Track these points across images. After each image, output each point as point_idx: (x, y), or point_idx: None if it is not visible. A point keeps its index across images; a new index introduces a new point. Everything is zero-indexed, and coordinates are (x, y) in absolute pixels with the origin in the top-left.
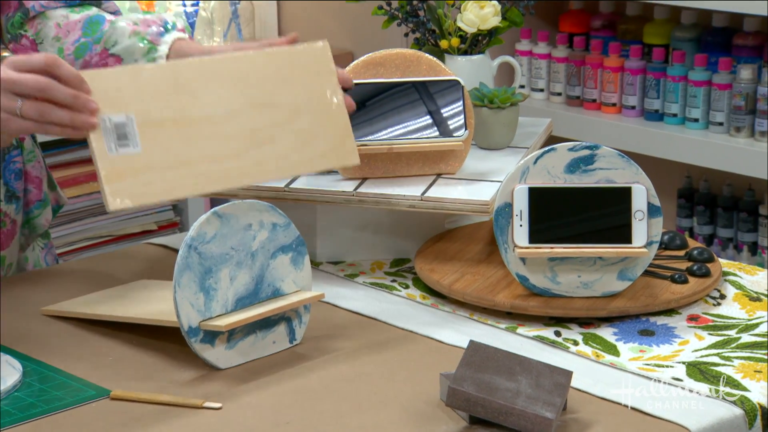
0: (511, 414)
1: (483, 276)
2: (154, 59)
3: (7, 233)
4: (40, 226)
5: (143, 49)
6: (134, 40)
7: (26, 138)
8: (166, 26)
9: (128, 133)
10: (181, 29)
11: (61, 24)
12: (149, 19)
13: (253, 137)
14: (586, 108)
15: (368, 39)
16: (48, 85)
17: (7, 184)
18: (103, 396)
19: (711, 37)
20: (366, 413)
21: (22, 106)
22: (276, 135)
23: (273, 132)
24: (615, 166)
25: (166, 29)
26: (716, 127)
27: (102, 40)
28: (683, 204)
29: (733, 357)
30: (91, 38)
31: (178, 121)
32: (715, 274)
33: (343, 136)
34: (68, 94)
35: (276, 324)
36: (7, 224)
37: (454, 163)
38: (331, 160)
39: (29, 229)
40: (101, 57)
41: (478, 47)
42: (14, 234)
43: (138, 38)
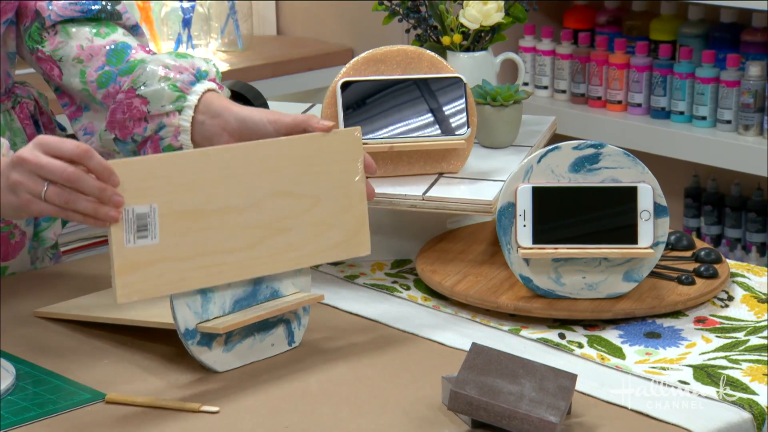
0: (515, 418)
1: (486, 277)
2: (182, 108)
3: (15, 245)
4: (48, 240)
5: (172, 96)
6: (164, 86)
7: None
8: (198, 74)
9: (148, 224)
10: (213, 78)
11: (84, 46)
12: (182, 65)
13: (270, 227)
14: (591, 106)
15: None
16: (77, 177)
17: None
18: (99, 399)
19: (719, 33)
20: (366, 417)
21: (48, 190)
22: (293, 225)
23: (291, 222)
24: (620, 165)
25: (197, 78)
26: (724, 125)
27: (128, 73)
28: (690, 204)
29: (741, 360)
30: (115, 68)
31: (199, 212)
32: (722, 276)
33: (358, 226)
34: (95, 187)
35: (274, 326)
36: (16, 236)
37: (456, 162)
38: (343, 251)
39: (38, 242)
40: (127, 95)
41: (481, 44)
42: (23, 246)
43: (168, 84)
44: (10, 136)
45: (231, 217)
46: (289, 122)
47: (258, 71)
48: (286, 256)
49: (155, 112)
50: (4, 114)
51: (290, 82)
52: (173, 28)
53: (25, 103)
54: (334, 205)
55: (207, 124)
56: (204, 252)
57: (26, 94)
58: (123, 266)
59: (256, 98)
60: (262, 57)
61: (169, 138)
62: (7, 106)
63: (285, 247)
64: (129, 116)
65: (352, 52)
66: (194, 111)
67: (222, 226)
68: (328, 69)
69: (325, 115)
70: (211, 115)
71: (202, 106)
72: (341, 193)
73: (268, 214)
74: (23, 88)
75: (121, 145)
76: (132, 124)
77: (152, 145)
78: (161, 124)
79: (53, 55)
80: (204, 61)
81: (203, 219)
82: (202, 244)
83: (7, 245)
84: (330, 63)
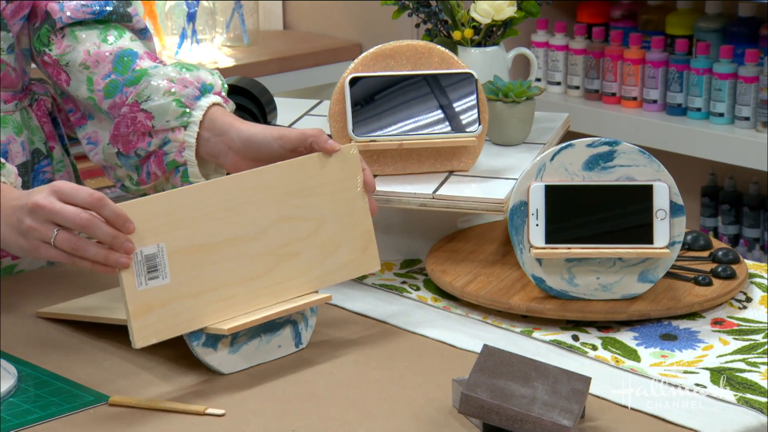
0: (527, 421)
1: (497, 278)
2: (186, 124)
3: None
4: None
5: (177, 112)
6: (168, 100)
7: (56, 147)
8: (203, 89)
9: (158, 264)
10: (218, 92)
11: (91, 52)
12: (186, 78)
13: (278, 254)
14: (606, 102)
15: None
16: (90, 223)
17: None
18: (102, 402)
19: (737, 27)
20: (375, 420)
21: (57, 236)
22: (301, 249)
23: (298, 246)
24: (636, 162)
25: (202, 92)
26: (742, 122)
27: (134, 83)
28: (707, 203)
29: (760, 363)
30: (121, 77)
31: (206, 246)
32: (740, 276)
33: (365, 243)
34: (108, 234)
35: (281, 327)
36: None
37: (467, 160)
38: (353, 270)
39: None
40: (132, 109)
41: (493, 39)
42: None
43: (173, 99)
44: (28, 134)
45: (238, 247)
46: (295, 138)
47: (264, 67)
48: (297, 281)
49: (160, 127)
50: (22, 112)
51: (297, 77)
52: (177, 22)
53: (43, 100)
54: (339, 224)
55: (212, 142)
56: (215, 285)
57: (43, 91)
58: (137, 310)
59: (262, 94)
60: (269, 52)
61: (173, 153)
62: (24, 103)
63: (295, 272)
64: (133, 130)
65: (361, 47)
66: (199, 127)
67: (230, 257)
68: (336, 64)
69: (333, 112)
70: (216, 132)
71: (207, 122)
72: (345, 211)
73: (274, 240)
74: (40, 85)
75: (124, 160)
76: (136, 138)
77: (156, 160)
78: (166, 139)
79: (60, 60)
80: (209, 74)
81: (211, 252)
82: (212, 278)
83: None
84: (338, 58)
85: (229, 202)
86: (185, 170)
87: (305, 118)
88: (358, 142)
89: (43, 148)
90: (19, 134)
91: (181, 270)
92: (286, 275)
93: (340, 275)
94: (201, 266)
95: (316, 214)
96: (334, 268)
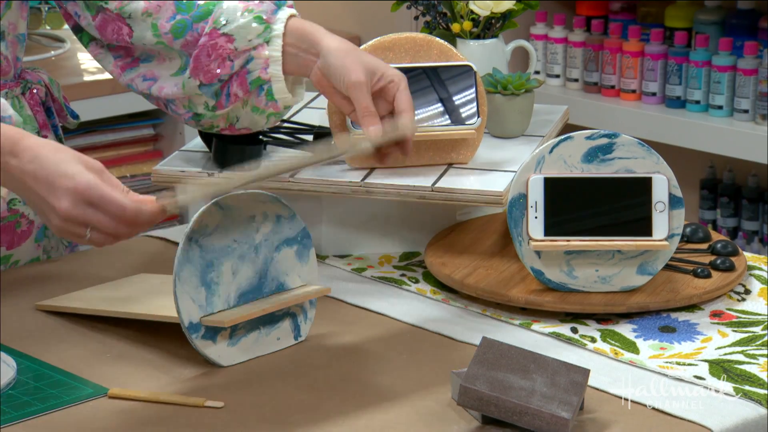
0: (526, 414)
1: (496, 270)
2: (269, 39)
3: (21, 234)
4: None
5: (258, 29)
6: (249, 19)
7: (49, 136)
8: (277, 3)
9: None
10: (290, 5)
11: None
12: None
13: None
14: (605, 95)
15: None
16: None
17: None
18: (101, 394)
19: (736, 19)
20: (374, 413)
21: (90, 237)
22: None
23: None
24: (635, 155)
25: (278, 6)
26: (741, 115)
27: (203, 18)
28: (706, 195)
29: (758, 355)
30: (188, 15)
31: None
32: (739, 269)
33: None
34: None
35: (280, 320)
36: (23, 225)
37: (466, 152)
38: None
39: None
40: (211, 37)
41: (492, 31)
42: (29, 234)
43: (252, 16)
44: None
45: None
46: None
47: None
48: None
49: (243, 47)
50: (13, 101)
51: None
52: None
53: (36, 89)
54: None
55: (301, 56)
56: None
57: (36, 79)
58: None
59: None
60: None
61: (258, 71)
62: (16, 92)
63: None
64: (215, 57)
65: (360, 39)
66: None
67: None
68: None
69: (332, 105)
70: (303, 48)
71: (291, 36)
72: None
73: None
74: (33, 73)
75: (206, 89)
76: (217, 65)
77: (238, 80)
78: (248, 57)
79: (122, 13)
80: None
81: None
82: None
83: (12, 234)
84: None
85: None
86: (269, 87)
87: (304, 110)
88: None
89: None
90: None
91: None
92: None
93: None
94: None
95: None
96: None
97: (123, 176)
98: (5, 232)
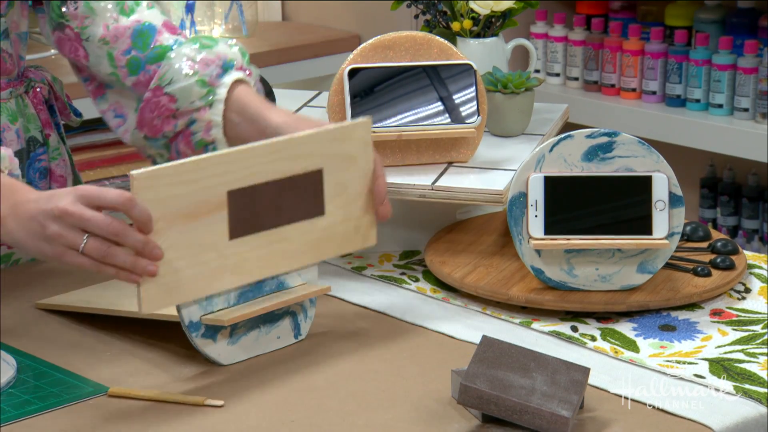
0: (526, 412)
1: (496, 269)
2: (212, 103)
3: None
4: None
5: (201, 92)
6: (191, 82)
7: (51, 135)
8: (225, 65)
9: None
10: (240, 66)
11: (110, 27)
12: (208, 57)
13: None
14: (605, 93)
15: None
16: (122, 231)
17: (31, 183)
18: (101, 393)
19: (736, 18)
20: (374, 411)
21: (87, 244)
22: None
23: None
24: (635, 153)
25: (224, 69)
26: (741, 114)
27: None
28: (706, 194)
29: (758, 353)
30: (142, 54)
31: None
32: (739, 267)
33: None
34: (139, 240)
35: (280, 318)
36: None
37: (466, 151)
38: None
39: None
40: (155, 94)
41: (492, 30)
42: None
43: (196, 80)
44: (23, 122)
45: None
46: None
47: (263, 58)
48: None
49: (184, 108)
50: (17, 99)
51: (296, 69)
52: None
53: (39, 87)
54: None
55: (243, 127)
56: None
57: (40, 78)
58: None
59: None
60: (267, 43)
61: (201, 133)
62: (19, 90)
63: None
64: (158, 114)
65: (359, 38)
66: (225, 105)
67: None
68: (334, 56)
69: (332, 103)
70: (246, 118)
71: (235, 104)
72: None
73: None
74: (36, 72)
75: (152, 142)
76: (161, 122)
77: (184, 140)
78: (191, 119)
79: (81, 34)
80: (228, 48)
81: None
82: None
83: None
84: (337, 50)
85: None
86: (214, 148)
87: (304, 109)
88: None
89: (39, 136)
90: (14, 122)
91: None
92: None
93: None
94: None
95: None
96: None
97: (123, 175)
98: None
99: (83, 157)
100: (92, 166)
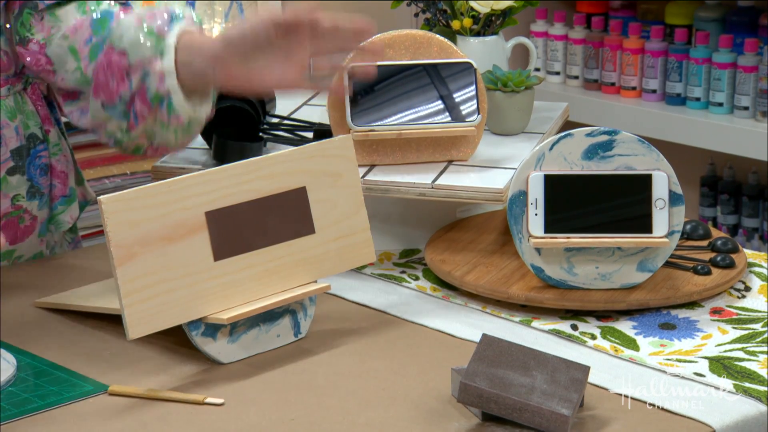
0: (526, 410)
1: (496, 267)
2: (162, 51)
3: (24, 229)
4: (65, 223)
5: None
6: (140, 34)
7: (51, 130)
8: (174, 16)
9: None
10: (189, 19)
11: (71, 25)
12: (156, 11)
13: None
14: (605, 92)
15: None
16: None
17: (32, 180)
18: (101, 391)
19: (736, 16)
20: (374, 410)
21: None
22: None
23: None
24: (635, 152)
25: (173, 19)
26: (741, 112)
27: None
28: (706, 192)
29: (758, 352)
30: (101, 37)
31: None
32: (739, 266)
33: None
34: None
35: (280, 317)
36: (26, 220)
37: (466, 150)
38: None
39: (54, 225)
40: (106, 55)
41: (492, 28)
42: (33, 230)
43: (145, 30)
44: (23, 118)
45: None
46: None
47: None
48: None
49: (136, 61)
50: (15, 96)
51: None
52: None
53: (37, 83)
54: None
55: (196, 62)
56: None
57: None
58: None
59: None
60: None
61: (155, 85)
62: (18, 87)
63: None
64: (110, 73)
65: None
66: (176, 52)
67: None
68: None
69: (332, 102)
70: (195, 52)
71: (184, 46)
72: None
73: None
74: None
75: (111, 110)
76: (116, 83)
77: (140, 98)
78: (144, 72)
79: (47, 43)
80: (180, 6)
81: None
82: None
83: (16, 229)
84: None
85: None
86: (170, 101)
87: (304, 107)
88: (357, 131)
89: (39, 133)
90: (13, 119)
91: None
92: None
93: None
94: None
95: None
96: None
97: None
98: (8, 228)
99: (83, 156)
100: (92, 164)
